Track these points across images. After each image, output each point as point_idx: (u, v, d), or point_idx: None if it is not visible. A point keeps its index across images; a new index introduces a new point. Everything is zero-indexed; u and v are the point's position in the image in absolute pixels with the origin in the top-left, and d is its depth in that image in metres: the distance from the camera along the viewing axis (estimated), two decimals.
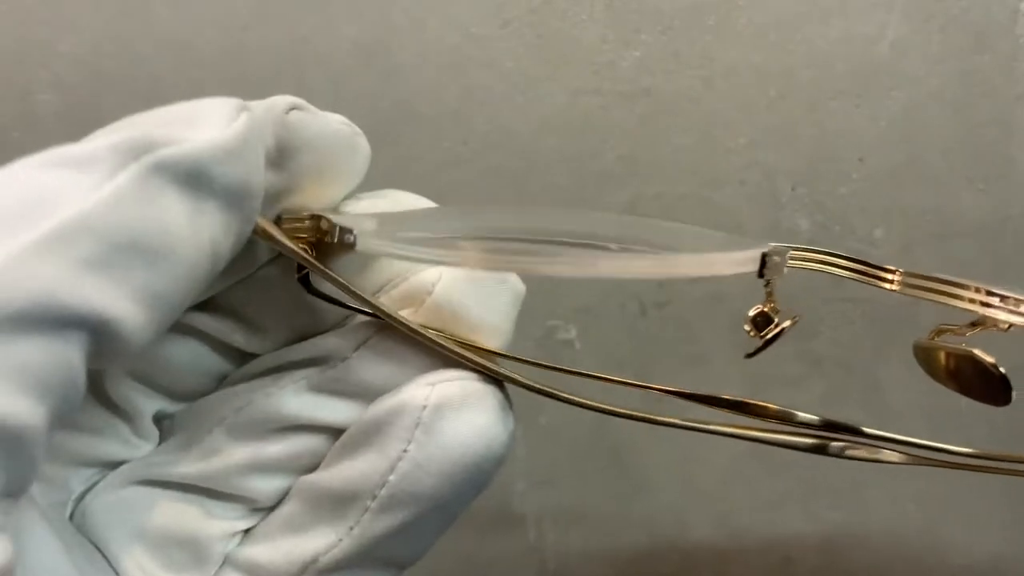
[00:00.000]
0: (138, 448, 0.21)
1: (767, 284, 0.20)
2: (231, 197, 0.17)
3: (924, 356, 0.20)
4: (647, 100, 0.36)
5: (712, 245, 0.20)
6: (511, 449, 0.19)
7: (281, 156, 0.19)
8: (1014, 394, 0.19)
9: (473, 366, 0.19)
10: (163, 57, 0.37)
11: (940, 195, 0.36)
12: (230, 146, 0.17)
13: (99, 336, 0.15)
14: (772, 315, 0.20)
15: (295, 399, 0.20)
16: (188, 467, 0.20)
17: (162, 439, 0.21)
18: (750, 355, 0.20)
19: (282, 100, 0.19)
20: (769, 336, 0.20)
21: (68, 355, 0.15)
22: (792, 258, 0.21)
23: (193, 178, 0.16)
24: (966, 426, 0.35)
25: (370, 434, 0.19)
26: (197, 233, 0.16)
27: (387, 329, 0.20)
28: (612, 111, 0.36)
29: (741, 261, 0.19)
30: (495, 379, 0.19)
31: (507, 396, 0.20)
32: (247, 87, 0.37)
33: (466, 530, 0.38)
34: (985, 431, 0.36)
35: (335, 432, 0.20)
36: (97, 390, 0.20)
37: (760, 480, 0.37)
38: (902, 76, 0.35)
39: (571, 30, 0.36)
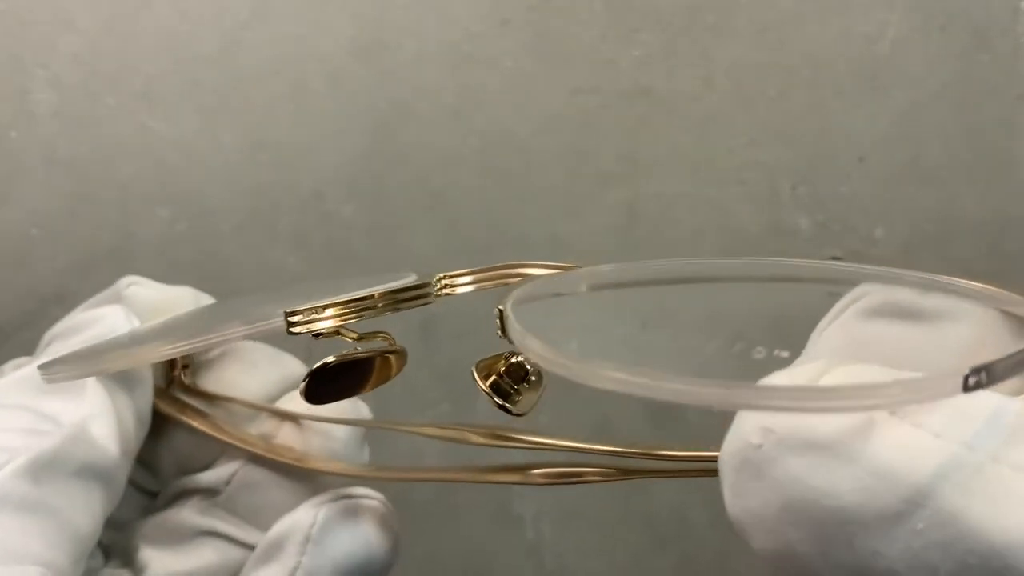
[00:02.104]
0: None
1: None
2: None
3: None
4: (647, 99, 0.36)
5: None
6: (395, 553, 0.23)
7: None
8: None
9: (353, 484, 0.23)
10: (161, 56, 0.36)
11: (940, 195, 0.36)
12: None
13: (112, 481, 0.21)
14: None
15: (199, 516, 0.24)
16: None
17: (107, 559, 0.25)
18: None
19: (124, 280, 0.25)
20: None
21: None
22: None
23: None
24: None
25: (271, 550, 0.23)
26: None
27: (253, 460, 0.24)
28: (611, 110, 0.36)
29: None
30: (374, 497, 0.23)
31: (387, 508, 0.23)
32: (246, 86, 0.37)
33: (466, 530, 0.38)
34: None
35: (239, 544, 0.24)
36: None
37: None
38: (902, 75, 0.35)
39: (570, 29, 0.36)
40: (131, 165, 0.37)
